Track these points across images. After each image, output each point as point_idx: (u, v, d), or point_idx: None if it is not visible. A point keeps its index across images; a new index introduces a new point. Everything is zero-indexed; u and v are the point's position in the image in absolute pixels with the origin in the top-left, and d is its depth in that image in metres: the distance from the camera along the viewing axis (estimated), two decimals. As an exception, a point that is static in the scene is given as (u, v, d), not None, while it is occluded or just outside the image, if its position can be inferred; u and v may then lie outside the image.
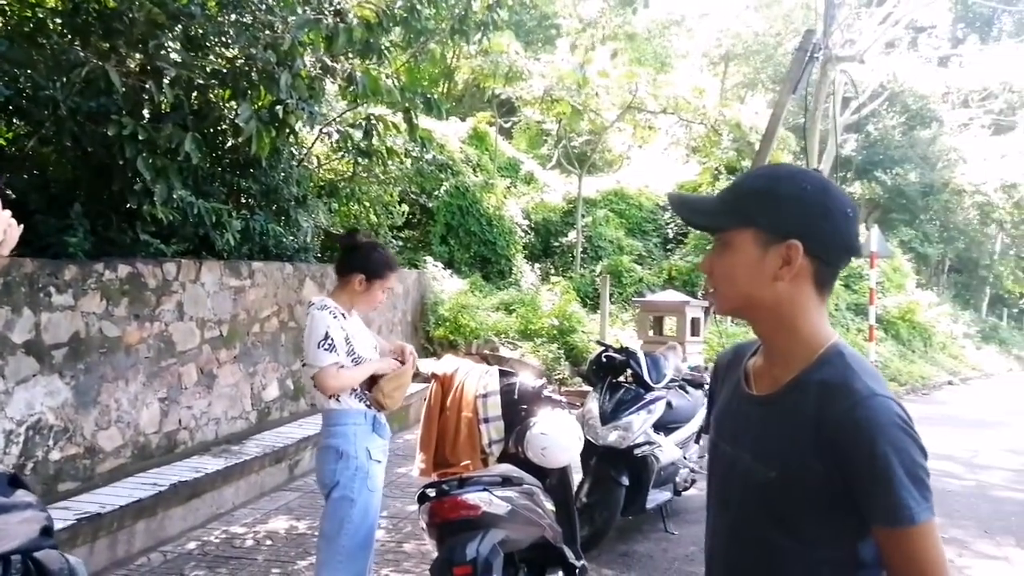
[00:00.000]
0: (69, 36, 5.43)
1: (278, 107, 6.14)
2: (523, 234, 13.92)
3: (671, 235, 15.55)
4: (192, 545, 4.54)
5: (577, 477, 4.60)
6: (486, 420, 3.78)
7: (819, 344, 1.27)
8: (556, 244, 14.75)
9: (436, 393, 3.89)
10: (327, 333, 2.87)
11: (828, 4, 11.09)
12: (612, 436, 4.60)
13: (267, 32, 5.81)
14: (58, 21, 5.54)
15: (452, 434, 3.79)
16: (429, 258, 11.29)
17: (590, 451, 4.55)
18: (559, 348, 9.83)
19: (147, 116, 5.55)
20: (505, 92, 14.50)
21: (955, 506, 6.10)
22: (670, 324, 8.86)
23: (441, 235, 12.30)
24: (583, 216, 14.46)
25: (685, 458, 5.51)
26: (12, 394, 3.95)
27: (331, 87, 7.85)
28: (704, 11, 23.82)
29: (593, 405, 4.86)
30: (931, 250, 25.03)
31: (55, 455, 4.25)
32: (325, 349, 2.86)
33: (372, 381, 3.02)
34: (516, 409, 3.83)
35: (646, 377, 5.12)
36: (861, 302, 15.99)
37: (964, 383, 16.48)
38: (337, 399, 2.97)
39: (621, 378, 5.25)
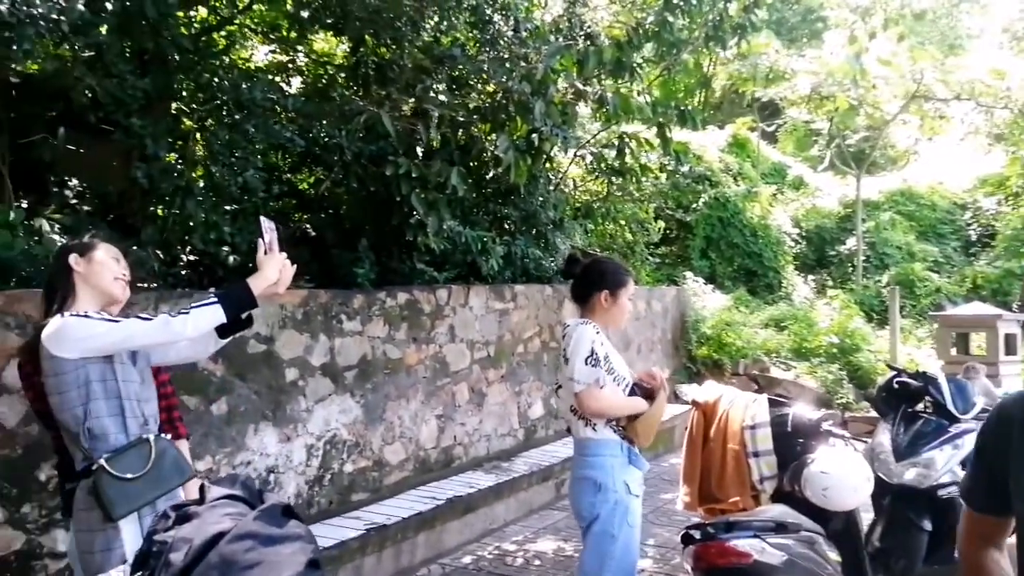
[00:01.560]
0: (353, 88, 6.10)
1: (533, 135, 6.34)
2: (793, 244, 12.97)
3: (974, 237, 13.52)
4: (467, 560, 4.74)
5: (868, 517, 4.07)
6: (756, 454, 3.47)
7: None
8: (832, 253, 13.53)
9: (698, 422, 3.66)
10: (592, 349, 2.82)
11: None
12: (910, 474, 3.98)
13: (522, 64, 6.03)
14: (343, 76, 6.26)
15: (718, 468, 3.53)
16: (689, 273, 10.93)
17: (883, 490, 3.99)
18: (840, 369, 8.92)
19: (420, 155, 6.05)
20: (767, 94, 13.67)
21: None
22: (978, 341, 7.64)
23: (701, 249, 11.87)
24: (863, 220, 13.10)
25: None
26: (312, 412, 4.44)
27: (584, 110, 7.97)
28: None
29: (884, 438, 4.26)
30: None
31: (348, 467, 4.70)
32: (592, 365, 2.81)
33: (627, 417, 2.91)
34: (791, 443, 3.47)
35: (950, 406, 4.39)
36: None
37: None
38: (594, 428, 2.89)
39: (919, 407, 4.58)
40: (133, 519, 2.16)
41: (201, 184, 4.65)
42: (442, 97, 6.02)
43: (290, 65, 6.34)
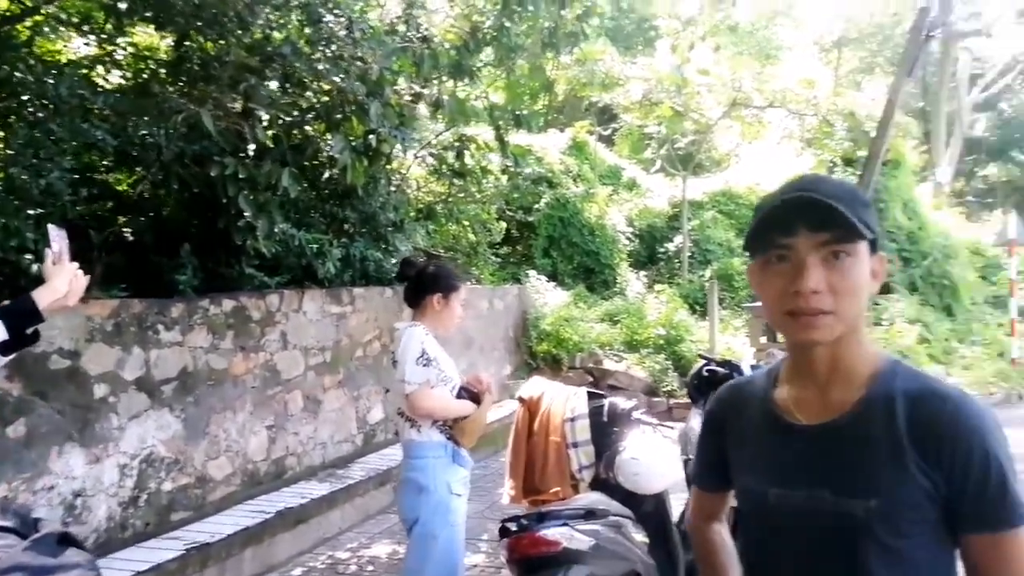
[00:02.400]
0: (178, 85, 5.78)
1: (371, 136, 6.28)
2: (627, 242, 13.65)
3: (785, 234, 14.81)
4: (297, 572, 4.65)
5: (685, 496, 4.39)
6: (575, 445, 3.64)
7: (876, 358, 1.21)
8: (662, 250, 14.37)
9: (523, 417, 3.80)
10: (423, 350, 2.87)
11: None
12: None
13: (357, 64, 5.96)
14: (164, 72, 5.92)
15: (541, 460, 3.67)
16: (532, 272, 11.25)
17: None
18: (666, 359, 9.52)
19: (249, 155, 5.83)
20: (603, 99, 14.30)
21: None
22: (785, 330, 8.40)
23: (543, 248, 12.25)
24: (689, 219, 14.02)
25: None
26: (125, 429, 4.19)
27: (424, 111, 8.00)
28: (813, -3, 22.73)
29: (695, 422, 4.61)
30: (1085, 233, 22.63)
31: (167, 486, 4.47)
32: (423, 365, 2.85)
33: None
34: (607, 432, 3.66)
35: (752, 391, 4.84)
36: (1000, 294, 14.66)
37: None
38: (418, 430, 2.94)
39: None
40: None
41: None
42: (272, 96, 5.85)
43: (107, 59, 5.92)
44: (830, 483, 1.16)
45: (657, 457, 3.45)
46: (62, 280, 2.16)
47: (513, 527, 2.76)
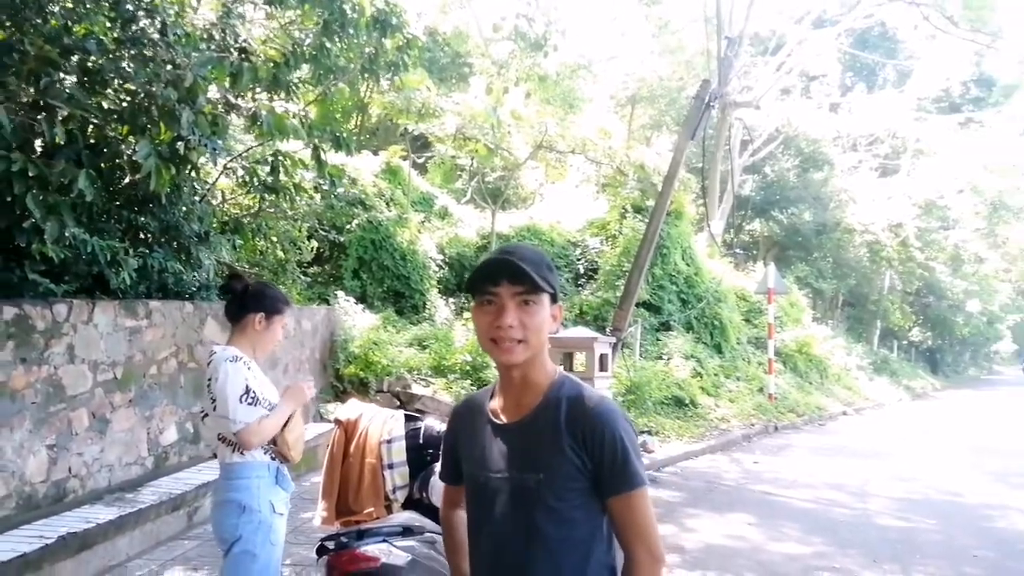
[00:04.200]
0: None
1: (179, 143, 6.00)
2: (437, 268, 13.93)
3: (582, 271, 15.87)
4: (78, 603, 4.30)
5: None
6: (391, 466, 3.76)
7: (552, 372, 1.70)
8: (470, 279, 14.82)
9: (339, 439, 3.85)
10: (247, 386, 2.80)
11: (725, 54, 11.71)
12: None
13: (169, 68, 5.70)
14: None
15: (356, 481, 3.75)
16: (341, 293, 11.14)
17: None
18: (472, 384, 9.83)
19: (39, 151, 5.35)
20: (418, 128, 14.57)
21: (844, 535, 6.42)
22: (580, 359, 9.02)
23: (354, 269, 12.17)
24: (496, 251, 14.60)
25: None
26: None
27: (238, 121, 7.74)
28: (611, 55, 24.66)
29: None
30: (825, 285, 26.43)
31: (-76, 512, 3.96)
32: (249, 403, 2.79)
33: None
34: (422, 454, 3.82)
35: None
36: (760, 336, 16.71)
37: (858, 413, 17.40)
38: (241, 452, 2.90)
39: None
40: None
41: None
42: (72, 91, 5.43)
43: None
44: (515, 464, 1.63)
45: (468, 476, 3.65)
46: None
47: (331, 545, 2.82)
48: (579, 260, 16.07)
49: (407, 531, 2.99)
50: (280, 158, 7.18)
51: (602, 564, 1.64)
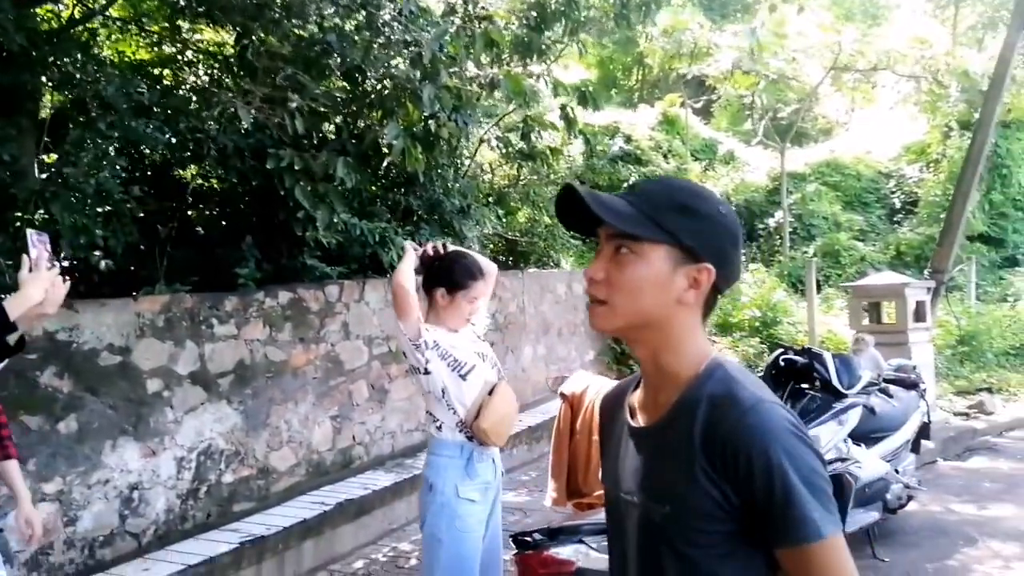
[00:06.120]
0: (245, 80, 5.82)
1: (430, 122, 6.15)
2: (722, 219, 12.99)
3: (898, 205, 13.72)
4: (359, 564, 4.60)
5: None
6: (620, 443, 3.37)
7: (700, 358, 1.15)
8: (762, 227, 13.61)
9: (565, 415, 3.55)
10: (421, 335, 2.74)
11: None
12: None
13: (410, 48, 5.82)
14: (227, 68, 5.98)
15: (583, 460, 3.43)
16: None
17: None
18: (761, 342, 8.96)
19: (315, 145, 5.81)
20: (691, 71, 13.65)
21: None
22: (889, 310, 7.69)
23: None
24: (790, 192, 13.20)
25: (897, 471, 4.70)
26: (182, 423, 4.24)
27: (497, 94, 7.78)
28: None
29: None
30: None
31: (228, 478, 4.51)
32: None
33: (476, 413, 2.75)
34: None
35: (835, 382, 4.41)
36: None
37: None
38: (439, 428, 2.75)
39: (806, 384, 4.58)
40: None
41: (54, 187, 4.39)
42: (328, 87, 5.82)
43: (179, 58, 6.06)
44: (644, 486, 1.16)
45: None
46: (37, 288, 2.10)
47: (530, 540, 2.54)
48: (894, 193, 13.91)
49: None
50: (530, 123, 7.07)
51: None
